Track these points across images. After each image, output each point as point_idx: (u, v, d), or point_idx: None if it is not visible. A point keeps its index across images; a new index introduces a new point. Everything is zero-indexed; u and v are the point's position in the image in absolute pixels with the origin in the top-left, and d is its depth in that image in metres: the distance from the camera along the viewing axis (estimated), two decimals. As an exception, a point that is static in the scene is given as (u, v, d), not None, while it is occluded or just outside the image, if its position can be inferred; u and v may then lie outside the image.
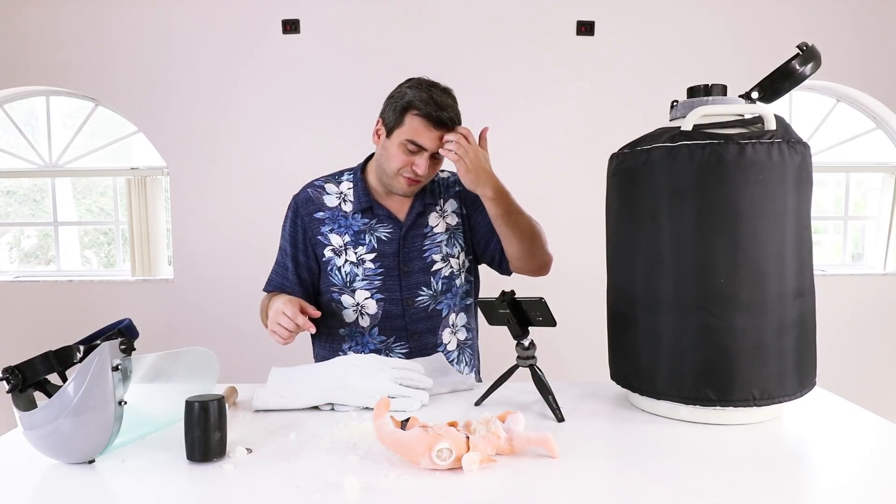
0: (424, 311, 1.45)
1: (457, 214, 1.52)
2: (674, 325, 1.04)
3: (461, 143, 1.32)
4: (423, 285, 1.45)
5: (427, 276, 1.45)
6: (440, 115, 1.32)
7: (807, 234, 1.06)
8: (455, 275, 1.49)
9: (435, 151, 1.36)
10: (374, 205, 1.45)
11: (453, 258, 1.49)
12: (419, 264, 1.45)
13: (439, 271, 1.46)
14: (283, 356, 1.62)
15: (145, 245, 3.08)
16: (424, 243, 1.46)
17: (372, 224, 1.45)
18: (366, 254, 1.43)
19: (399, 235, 1.44)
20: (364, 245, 1.44)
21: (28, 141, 3.14)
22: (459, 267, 1.51)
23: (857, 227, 3.38)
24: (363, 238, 1.44)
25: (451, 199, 1.52)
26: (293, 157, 2.94)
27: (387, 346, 1.44)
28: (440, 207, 1.50)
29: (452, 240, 1.50)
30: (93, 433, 0.86)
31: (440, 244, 1.47)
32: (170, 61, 2.93)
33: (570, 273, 2.88)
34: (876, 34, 2.98)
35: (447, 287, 1.48)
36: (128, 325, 0.99)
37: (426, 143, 1.34)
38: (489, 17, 2.90)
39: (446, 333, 1.48)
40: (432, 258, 1.46)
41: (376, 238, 1.44)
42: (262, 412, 1.14)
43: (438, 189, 1.52)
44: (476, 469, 0.84)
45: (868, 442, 1.02)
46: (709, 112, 1.05)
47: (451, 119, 1.34)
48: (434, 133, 1.34)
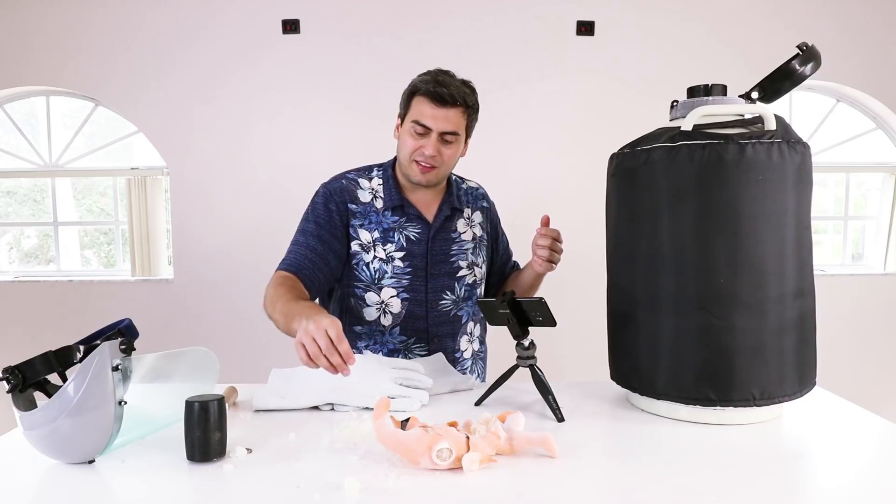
0: (446, 316, 1.44)
1: (482, 228, 1.53)
2: (674, 325, 1.04)
3: (556, 248, 1.38)
4: (448, 289, 1.44)
5: (452, 280, 1.45)
6: (440, 91, 1.31)
7: (807, 234, 1.06)
8: (477, 284, 1.50)
9: (441, 132, 1.34)
10: (405, 202, 1.43)
11: (477, 267, 1.50)
12: (446, 268, 1.44)
13: (464, 278, 1.46)
14: (283, 356, 1.61)
15: (145, 245, 3.08)
16: (452, 248, 1.45)
17: (402, 222, 1.43)
18: (395, 251, 1.41)
19: (428, 236, 1.43)
20: (393, 242, 1.41)
21: (28, 141, 3.14)
22: (481, 277, 1.52)
23: (857, 227, 3.38)
24: (392, 236, 1.42)
25: (477, 211, 1.53)
26: (293, 156, 2.94)
27: (406, 346, 1.42)
28: (467, 216, 1.51)
29: (478, 250, 1.51)
30: (93, 433, 0.87)
31: (467, 251, 1.47)
32: (170, 61, 2.93)
33: (570, 273, 2.88)
34: (876, 34, 2.98)
35: (468, 294, 1.48)
36: (128, 325, 0.99)
37: (429, 122, 1.33)
38: (489, 16, 2.91)
39: (464, 341, 1.48)
40: (459, 264, 1.46)
41: (405, 237, 1.42)
42: (262, 412, 1.14)
43: (466, 197, 1.53)
44: (476, 469, 0.84)
45: (868, 442, 1.02)
46: (709, 112, 1.05)
47: (451, 96, 1.33)
48: (438, 111, 1.33)
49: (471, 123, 1.42)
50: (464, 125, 1.38)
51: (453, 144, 1.37)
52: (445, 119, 1.33)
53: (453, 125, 1.34)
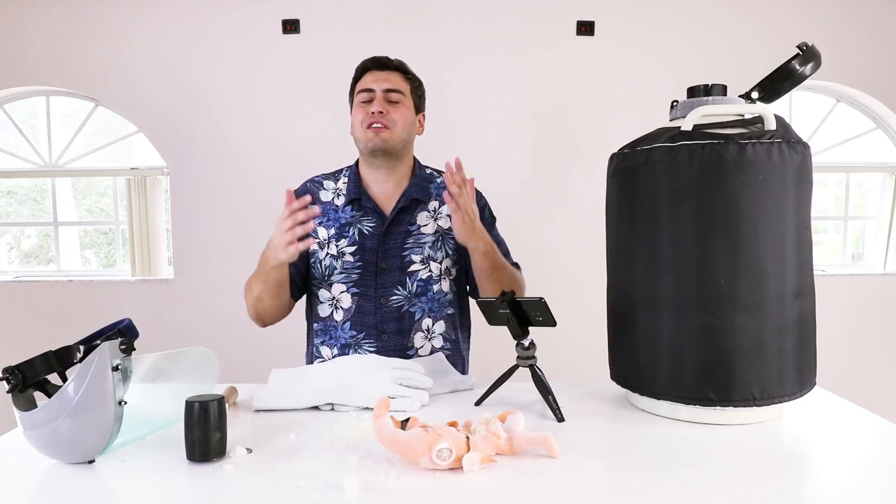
0: (397, 312, 1.42)
1: (450, 219, 1.47)
2: (674, 325, 1.04)
3: (464, 193, 1.28)
4: (399, 284, 1.43)
5: (403, 275, 1.43)
6: (377, 57, 1.46)
7: (807, 234, 1.06)
8: (434, 280, 1.45)
9: (384, 90, 1.42)
10: (362, 196, 1.46)
11: (434, 262, 1.45)
12: (397, 262, 1.43)
13: (416, 273, 1.44)
14: (283, 356, 1.62)
15: (145, 245, 3.07)
16: (407, 241, 1.45)
17: (358, 216, 1.45)
18: (347, 247, 1.44)
19: (381, 230, 1.44)
20: (347, 237, 1.44)
21: (28, 141, 3.14)
22: (440, 273, 1.46)
23: (857, 227, 3.37)
24: (347, 231, 1.44)
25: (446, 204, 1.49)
26: (293, 156, 2.93)
27: (356, 341, 1.42)
28: (434, 209, 1.49)
29: (440, 243, 1.47)
30: (93, 433, 0.87)
31: (423, 245, 1.45)
32: (170, 61, 2.93)
33: (570, 273, 2.89)
34: (876, 34, 2.98)
35: (423, 290, 1.44)
36: (128, 325, 0.99)
37: (371, 84, 1.43)
38: (489, 16, 2.90)
39: (418, 337, 1.44)
40: (411, 258, 1.44)
41: (359, 231, 1.44)
42: (262, 412, 1.14)
43: (436, 191, 1.50)
44: (476, 469, 0.84)
45: (868, 442, 1.02)
46: (709, 112, 1.05)
47: (387, 58, 1.45)
48: (378, 74, 1.44)
49: (416, 93, 1.49)
50: (407, 89, 1.46)
51: (400, 106, 1.44)
52: (386, 79, 1.44)
53: (395, 84, 1.44)
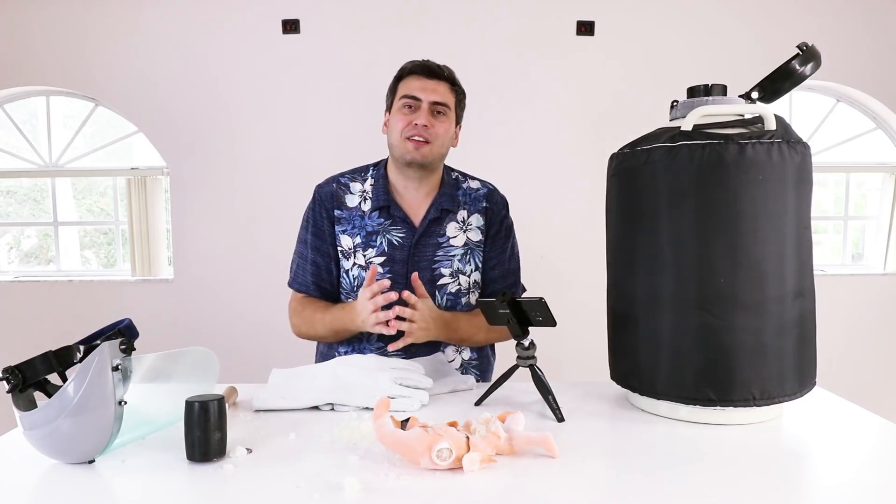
0: None
1: (481, 231, 1.46)
2: (674, 325, 1.04)
3: (405, 314, 1.27)
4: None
5: (433, 288, 1.40)
6: (428, 65, 1.39)
7: (807, 234, 1.06)
8: (462, 293, 1.44)
9: (431, 101, 1.36)
10: (391, 204, 1.41)
11: (463, 275, 1.43)
12: (427, 275, 1.40)
13: (446, 286, 1.42)
14: (283, 356, 1.62)
15: (145, 245, 3.07)
16: (437, 254, 1.41)
17: (386, 225, 1.41)
18: (375, 257, 1.40)
19: (411, 242, 1.40)
20: (375, 247, 1.40)
21: (28, 141, 3.13)
22: (469, 286, 1.45)
23: (857, 227, 3.37)
24: (374, 240, 1.41)
25: (476, 214, 1.46)
26: (293, 156, 2.93)
27: (384, 353, 1.39)
28: (463, 219, 1.45)
29: (469, 256, 1.44)
30: (93, 433, 0.87)
31: (453, 258, 1.42)
32: (170, 61, 2.93)
33: (570, 273, 2.89)
34: (876, 34, 2.98)
35: (452, 304, 1.43)
36: (128, 325, 0.99)
37: (419, 93, 1.36)
38: (489, 16, 2.90)
39: (450, 350, 1.43)
40: (441, 271, 1.41)
41: (388, 241, 1.40)
42: (262, 412, 1.14)
43: (464, 198, 1.46)
44: (476, 469, 0.84)
45: (868, 442, 1.02)
46: (709, 112, 1.05)
47: (438, 68, 1.39)
48: (427, 83, 1.37)
49: (459, 105, 1.44)
50: (453, 102, 1.41)
51: (444, 119, 1.39)
52: (434, 90, 1.37)
53: (442, 96, 1.38)
